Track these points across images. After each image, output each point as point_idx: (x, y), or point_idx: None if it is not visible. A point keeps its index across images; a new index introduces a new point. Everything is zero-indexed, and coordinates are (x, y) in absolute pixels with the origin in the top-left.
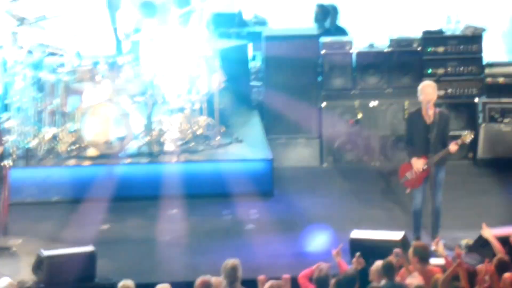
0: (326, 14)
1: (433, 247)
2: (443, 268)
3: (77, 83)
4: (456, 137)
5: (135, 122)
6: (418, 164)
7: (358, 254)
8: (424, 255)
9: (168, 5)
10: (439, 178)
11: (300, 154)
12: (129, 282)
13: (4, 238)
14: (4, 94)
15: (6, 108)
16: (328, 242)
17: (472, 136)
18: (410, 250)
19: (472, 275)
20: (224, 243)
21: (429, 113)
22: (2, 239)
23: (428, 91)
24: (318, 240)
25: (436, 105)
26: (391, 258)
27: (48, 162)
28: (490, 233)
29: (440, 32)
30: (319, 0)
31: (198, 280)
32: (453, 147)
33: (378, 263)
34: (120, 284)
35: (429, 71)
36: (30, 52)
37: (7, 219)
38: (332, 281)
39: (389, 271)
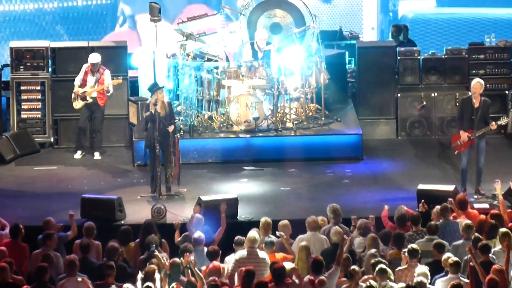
0: (400, 31)
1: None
2: (482, 212)
3: (226, 80)
4: (495, 118)
5: (266, 108)
6: (464, 135)
7: (423, 201)
8: (462, 204)
9: (289, 26)
10: (481, 147)
11: (382, 130)
12: (268, 219)
13: (177, 187)
14: (176, 88)
15: (177, 97)
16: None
17: (507, 120)
18: (452, 201)
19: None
20: (327, 192)
21: (476, 100)
22: (175, 187)
23: (476, 85)
24: None
25: (481, 95)
26: (446, 204)
27: (206, 135)
28: None
29: (481, 44)
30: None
31: (309, 219)
32: (493, 126)
33: (437, 207)
34: (262, 219)
35: (473, 71)
36: (194, 58)
37: (179, 174)
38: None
39: (445, 212)
